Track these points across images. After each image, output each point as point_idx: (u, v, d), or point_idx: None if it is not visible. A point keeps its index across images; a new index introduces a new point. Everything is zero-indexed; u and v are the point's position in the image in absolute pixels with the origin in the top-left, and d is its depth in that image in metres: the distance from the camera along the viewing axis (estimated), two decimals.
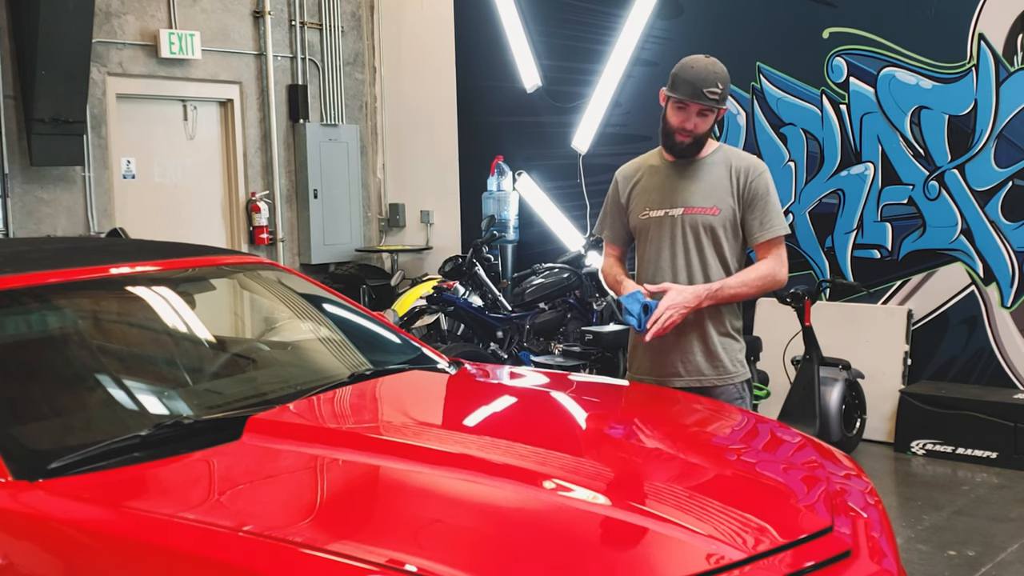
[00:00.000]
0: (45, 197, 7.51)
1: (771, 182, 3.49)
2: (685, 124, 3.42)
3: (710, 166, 3.50)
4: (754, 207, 3.45)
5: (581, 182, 7.95)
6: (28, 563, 2.33)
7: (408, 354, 3.59)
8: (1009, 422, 5.82)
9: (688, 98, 3.38)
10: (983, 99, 6.10)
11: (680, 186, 3.49)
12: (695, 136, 3.44)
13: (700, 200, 3.46)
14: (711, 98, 3.37)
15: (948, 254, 6.33)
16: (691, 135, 3.43)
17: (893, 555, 2.49)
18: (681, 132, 3.44)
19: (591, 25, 7.88)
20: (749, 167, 3.48)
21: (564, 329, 7.01)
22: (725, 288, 3.41)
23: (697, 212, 3.46)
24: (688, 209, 3.46)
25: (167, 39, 7.98)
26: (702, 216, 3.45)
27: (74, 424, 2.89)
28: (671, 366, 3.51)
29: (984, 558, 4.58)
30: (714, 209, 3.45)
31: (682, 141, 3.45)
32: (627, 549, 2.16)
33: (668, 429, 3.11)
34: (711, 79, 3.37)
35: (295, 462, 2.59)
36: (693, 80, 3.37)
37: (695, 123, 3.41)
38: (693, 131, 3.43)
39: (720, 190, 3.46)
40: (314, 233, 9.06)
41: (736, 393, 3.52)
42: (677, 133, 3.44)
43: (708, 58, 3.44)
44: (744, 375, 3.56)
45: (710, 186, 3.47)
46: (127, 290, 3.41)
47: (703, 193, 3.46)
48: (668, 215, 3.49)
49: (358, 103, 9.51)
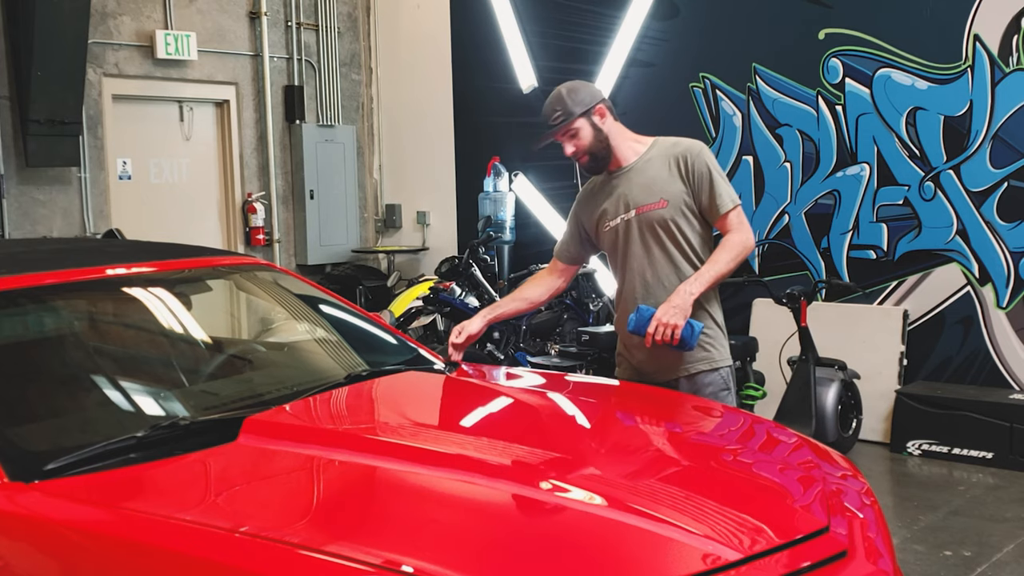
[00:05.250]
0: (41, 198, 7.50)
1: (710, 158, 3.55)
2: (567, 151, 3.56)
3: (647, 163, 3.58)
4: (703, 187, 3.51)
5: (578, 183, 7.94)
6: (25, 565, 2.33)
7: (404, 355, 3.59)
8: (1005, 422, 5.83)
9: (547, 133, 3.57)
10: (978, 100, 6.11)
11: (626, 190, 3.58)
12: (586, 152, 3.56)
13: (646, 197, 3.54)
14: (555, 123, 3.52)
15: (944, 255, 6.34)
16: (581, 154, 3.56)
17: (889, 555, 2.50)
18: (573, 157, 3.58)
19: (587, 26, 7.89)
20: (686, 151, 3.54)
21: (560, 330, 7.02)
22: (704, 275, 3.44)
23: (647, 209, 3.53)
24: (639, 209, 3.55)
25: (163, 40, 7.97)
26: (652, 212, 3.53)
27: (70, 425, 2.88)
28: (655, 361, 3.57)
29: (980, 558, 4.59)
30: (661, 202, 3.52)
31: (584, 162, 3.60)
32: (623, 549, 2.16)
33: (664, 429, 3.11)
34: (548, 109, 3.56)
35: (291, 463, 2.59)
36: (544, 117, 3.57)
37: (572, 145, 3.55)
38: (577, 151, 3.55)
39: (660, 182, 3.53)
40: (310, 234, 9.06)
41: (723, 383, 3.58)
42: (575, 160, 3.60)
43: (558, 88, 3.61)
44: (728, 361, 3.62)
45: (651, 181, 3.54)
46: (123, 291, 3.40)
47: (647, 190, 3.54)
48: (623, 220, 3.58)
49: (354, 104, 9.51)
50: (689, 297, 3.40)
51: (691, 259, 3.54)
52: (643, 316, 3.40)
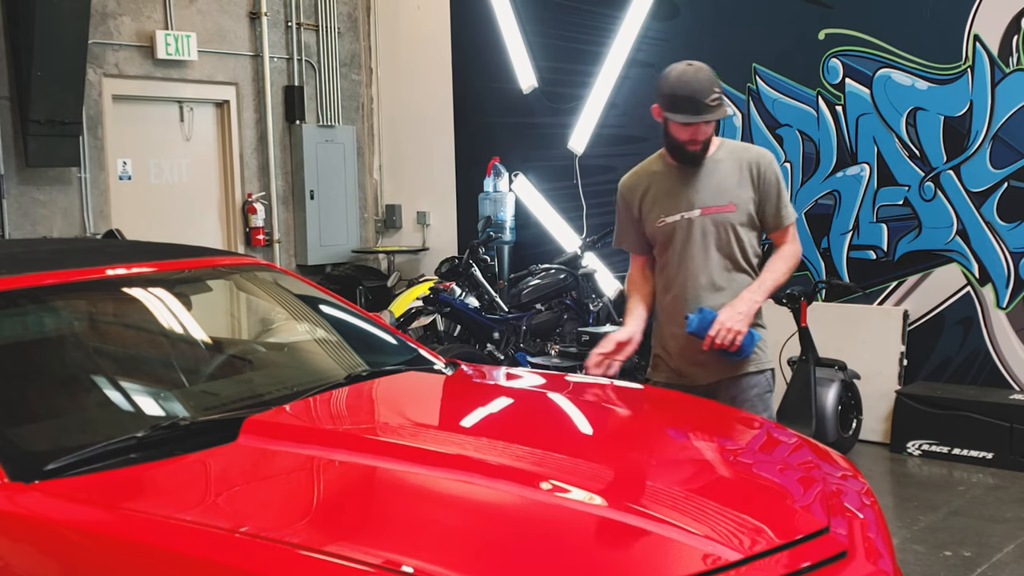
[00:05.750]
0: (41, 198, 7.50)
1: (779, 169, 3.54)
2: (695, 136, 3.39)
3: (717, 163, 3.50)
4: (770, 197, 3.49)
5: (577, 183, 7.95)
6: (25, 565, 2.33)
7: (404, 355, 3.59)
8: (1005, 423, 5.83)
9: (693, 117, 3.33)
10: (978, 100, 6.11)
11: (692, 188, 3.49)
12: (704, 142, 3.43)
13: (714, 199, 3.47)
14: (713, 106, 3.33)
15: (944, 255, 6.34)
16: (700, 143, 3.43)
17: (889, 556, 2.50)
18: (691, 143, 3.42)
19: (587, 26, 7.89)
20: (758, 159, 3.50)
21: (560, 330, 7.01)
22: (765, 284, 3.44)
23: (714, 211, 3.46)
24: (705, 209, 3.47)
25: (163, 40, 7.97)
26: (720, 215, 3.46)
27: (71, 425, 2.88)
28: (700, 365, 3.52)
29: (980, 559, 4.59)
30: (730, 206, 3.46)
31: (693, 150, 3.44)
32: (623, 550, 2.16)
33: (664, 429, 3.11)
34: (706, 88, 3.32)
35: (292, 463, 2.59)
36: (691, 96, 3.31)
37: (704, 132, 3.39)
38: (700, 139, 3.41)
39: (732, 186, 3.47)
40: (310, 234, 9.05)
41: (767, 385, 3.56)
42: (687, 144, 3.42)
43: (691, 66, 3.39)
44: (772, 364, 3.60)
45: (721, 184, 3.48)
46: (123, 291, 3.40)
47: (716, 192, 3.47)
48: (684, 218, 3.48)
49: (354, 104, 9.51)
50: (754, 305, 3.38)
51: (743, 265, 3.51)
52: (706, 318, 3.37)
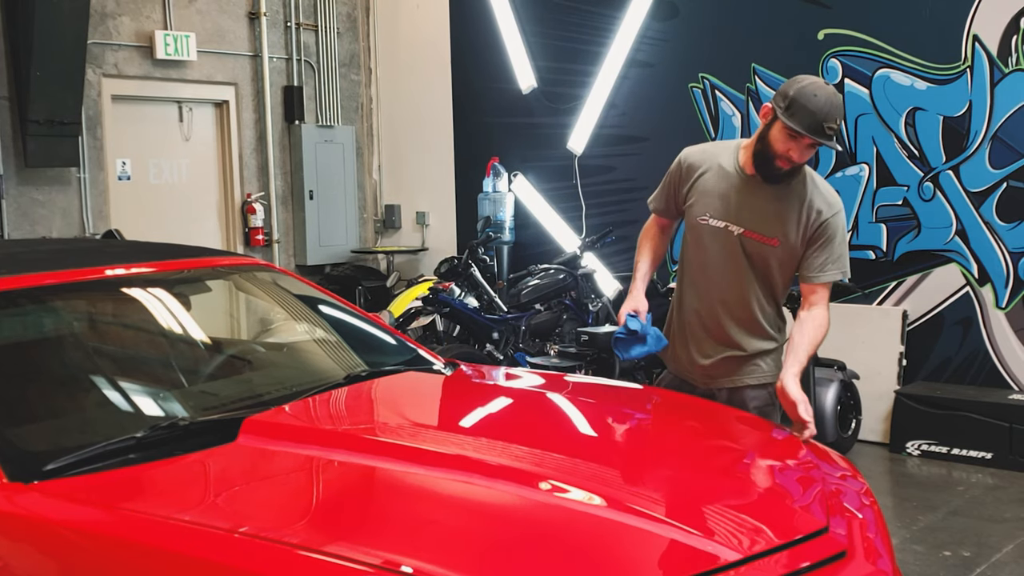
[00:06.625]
0: (40, 198, 7.50)
1: (843, 224, 3.32)
2: (791, 153, 3.16)
3: (784, 192, 3.29)
4: (819, 245, 3.29)
5: (577, 183, 7.95)
6: (24, 565, 2.33)
7: (404, 355, 3.59)
8: (1004, 423, 5.83)
9: (807, 131, 3.11)
10: (977, 100, 6.11)
11: (747, 205, 3.30)
12: (795, 167, 3.23)
13: (763, 228, 3.29)
14: (829, 133, 3.12)
15: (943, 255, 6.34)
16: (792, 163, 3.21)
17: (888, 556, 2.50)
18: (784, 159, 3.19)
19: (586, 27, 7.89)
20: (825, 205, 3.29)
21: (560, 330, 7.01)
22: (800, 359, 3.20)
23: (756, 239, 3.29)
24: (748, 232, 3.30)
25: (162, 40, 7.97)
26: (761, 244, 3.30)
27: (70, 426, 2.88)
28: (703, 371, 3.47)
29: (979, 559, 4.59)
30: (774, 240, 3.29)
31: (781, 167, 3.21)
32: (623, 550, 2.16)
33: (663, 430, 3.11)
34: (833, 114, 3.11)
35: (291, 463, 2.59)
36: (816, 112, 3.09)
37: (802, 154, 3.18)
38: (797, 161, 3.20)
39: (786, 222, 3.28)
40: (310, 234, 9.05)
41: (768, 399, 3.43)
42: (779, 159, 3.20)
43: (829, 86, 3.18)
44: (772, 377, 3.42)
45: (777, 215, 3.28)
46: (122, 292, 3.40)
47: (768, 221, 3.29)
48: (727, 229, 3.32)
49: (354, 104, 9.51)
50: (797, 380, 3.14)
51: (768, 299, 3.39)
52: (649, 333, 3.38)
